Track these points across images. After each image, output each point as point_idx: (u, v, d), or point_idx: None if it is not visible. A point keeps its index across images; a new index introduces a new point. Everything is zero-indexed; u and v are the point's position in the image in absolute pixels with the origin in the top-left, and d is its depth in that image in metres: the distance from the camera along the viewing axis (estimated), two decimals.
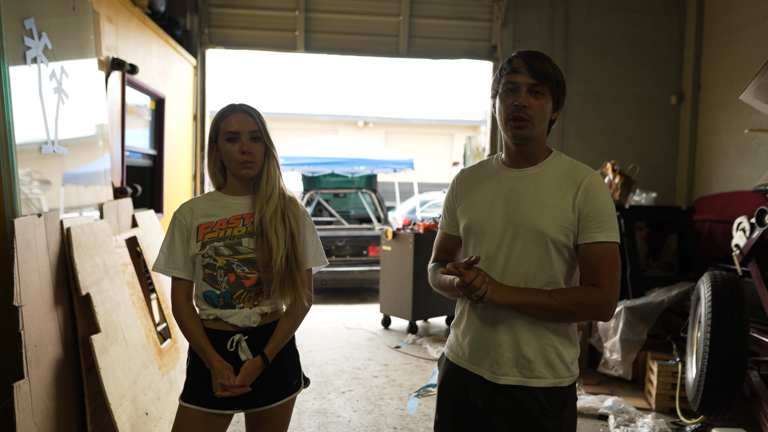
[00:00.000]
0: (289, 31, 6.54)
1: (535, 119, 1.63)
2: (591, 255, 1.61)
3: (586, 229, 1.62)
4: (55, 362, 2.56)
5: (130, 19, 4.20)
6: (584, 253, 1.63)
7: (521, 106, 1.62)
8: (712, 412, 3.13)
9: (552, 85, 1.64)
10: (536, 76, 1.62)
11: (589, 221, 1.62)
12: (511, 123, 1.64)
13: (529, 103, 1.62)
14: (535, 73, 1.62)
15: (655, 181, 6.80)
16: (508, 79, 1.65)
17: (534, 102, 1.62)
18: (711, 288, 3.20)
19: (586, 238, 1.62)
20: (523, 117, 1.62)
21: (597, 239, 1.61)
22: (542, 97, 1.63)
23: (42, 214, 2.59)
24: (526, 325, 1.65)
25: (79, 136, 3.24)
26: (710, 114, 6.48)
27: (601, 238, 1.61)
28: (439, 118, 19.83)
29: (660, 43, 6.88)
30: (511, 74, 1.64)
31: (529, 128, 1.64)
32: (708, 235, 5.12)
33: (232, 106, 1.93)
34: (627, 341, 4.35)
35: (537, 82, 1.62)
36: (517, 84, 1.63)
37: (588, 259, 1.62)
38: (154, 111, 5.00)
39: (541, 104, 1.64)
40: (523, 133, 1.64)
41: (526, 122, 1.63)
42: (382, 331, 5.98)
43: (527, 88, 1.62)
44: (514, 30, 6.65)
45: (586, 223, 1.62)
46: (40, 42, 2.74)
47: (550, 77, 1.63)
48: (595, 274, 1.60)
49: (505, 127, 1.67)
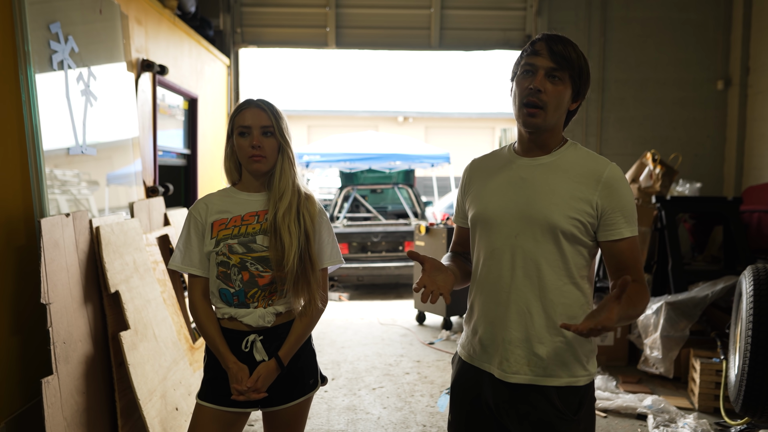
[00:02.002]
0: (320, 27, 6.55)
1: (549, 107, 1.54)
2: (624, 251, 1.55)
3: (612, 225, 1.55)
4: (85, 358, 2.62)
5: (160, 21, 4.27)
6: (615, 250, 1.56)
7: (536, 90, 1.52)
8: (755, 413, 2.98)
9: (573, 72, 1.54)
10: (556, 60, 1.53)
11: (615, 217, 1.54)
12: (523, 110, 1.55)
13: (545, 87, 1.52)
14: (556, 57, 1.52)
15: (701, 171, 6.52)
16: (527, 60, 1.56)
17: (551, 87, 1.53)
18: (753, 282, 3.04)
19: (614, 235, 1.55)
20: (536, 103, 1.53)
21: (625, 235, 1.55)
22: (560, 83, 1.54)
23: (70, 214, 2.66)
24: (538, 321, 1.57)
25: (108, 137, 3.32)
26: (760, 99, 6.16)
27: (628, 233, 1.55)
28: (480, 111, 19.58)
29: (705, 25, 6.58)
30: (531, 56, 1.56)
31: (541, 117, 1.54)
32: (757, 226, 4.87)
33: (248, 101, 1.91)
34: (668, 338, 4.18)
35: (556, 67, 1.53)
36: (535, 67, 1.54)
37: (620, 255, 1.56)
38: (187, 111, 5.09)
39: (559, 91, 1.54)
40: (534, 122, 1.56)
41: (539, 110, 1.54)
42: (416, 327, 5.94)
43: (545, 72, 1.53)
44: (549, 18, 6.48)
45: (612, 219, 1.54)
46: (67, 45, 2.80)
47: (572, 63, 1.53)
48: (631, 270, 1.55)
49: (518, 112, 1.58)
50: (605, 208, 1.54)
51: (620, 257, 1.56)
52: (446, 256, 1.83)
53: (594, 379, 1.64)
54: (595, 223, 1.56)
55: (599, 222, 1.55)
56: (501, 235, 1.61)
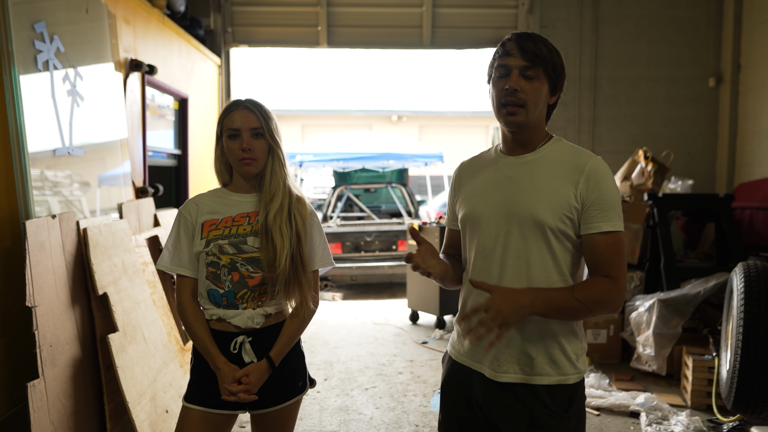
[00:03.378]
0: (312, 26, 6.52)
1: (528, 104, 1.54)
2: (599, 246, 1.52)
3: (590, 218, 1.53)
4: (72, 361, 2.60)
5: (148, 21, 4.24)
6: (591, 244, 1.54)
7: (512, 90, 1.53)
8: (746, 410, 2.97)
9: (546, 67, 1.55)
10: (528, 58, 1.53)
11: (594, 210, 1.52)
12: (503, 110, 1.56)
13: (520, 86, 1.53)
14: (527, 55, 1.53)
15: (693, 168, 6.53)
16: (500, 62, 1.57)
17: (526, 85, 1.54)
18: (744, 279, 3.03)
19: (591, 228, 1.53)
20: (515, 102, 1.54)
21: (603, 229, 1.52)
22: (535, 80, 1.55)
23: (56, 216, 2.63)
24: (528, 320, 1.54)
25: (96, 137, 3.29)
26: (752, 96, 6.17)
27: (607, 227, 1.52)
28: (473, 110, 19.58)
29: (696, 23, 6.58)
30: (503, 57, 1.57)
31: (522, 114, 1.55)
32: (749, 222, 4.87)
33: (236, 102, 1.89)
34: (661, 335, 4.18)
35: (529, 65, 1.53)
36: (508, 67, 1.55)
37: (596, 250, 1.53)
38: (178, 111, 5.05)
39: (535, 88, 1.55)
40: (515, 120, 1.56)
41: (519, 108, 1.54)
42: (409, 326, 5.93)
43: (519, 71, 1.54)
44: (541, 16, 6.47)
45: (591, 212, 1.53)
46: (52, 45, 2.77)
47: (544, 59, 1.54)
48: (605, 265, 1.52)
49: (498, 113, 1.59)
50: (585, 201, 1.53)
51: (596, 252, 1.53)
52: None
53: (584, 377, 1.63)
54: (579, 216, 1.55)
55: (581, 215, 1.55)
56: (490, 234, 1.60)
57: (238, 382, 1.82)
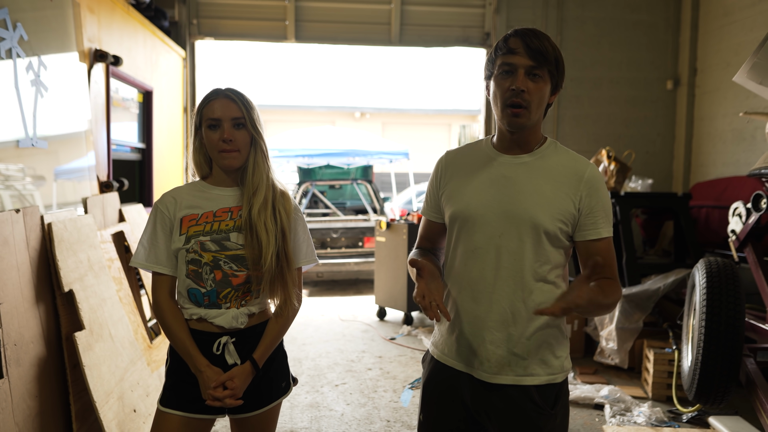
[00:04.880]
0: (279, 20, 6.45)
1: (532, 105, 1.53)
2: (600, 251, 1.57)
3: (590, 225, 1.56)
4: (38, 360, 2.51)
5: (113, 10, 4.12)
6: (592, 249, 1.57)
7: (519, 91, 1.50)
8: (708, 401, 3.09)
9: (551, 67, 1.53)
10: (535, 58, 1.50)
11: (593, 217, 1.56)
12: (508, 110, 1.53)
13: (527, 87, 1.51)
14: (534, 54, 1.50)
15: (651, 168, 6.73)
16: (504, 60, 1.53)
17: (532, 86, 1.51)
18: (706, 275, 3.15)
19: (591, 234, 1.56)
20: (520, 103, 1.52)
21: (603, 235, 1.57)
22: (541, 80, 1.52)
23: (20, 210, 2.53)
24: (520, 321, 1.56)
25: (60, 129, 3.18)
26: (707, 98, 6.40)
27: (605, 233, 1.57)
28: (436, 108, 19.72)
29: (656, 27, 6.78)
30: (508, 55, 1.52)
31: (526, 116, 1.54)
32: (705, 221, 5.06)
33: (216, 90, 1.81)
34: (623, 329, 4.31)
35: (536, 65, 1.51)
36: (514, 66, 1.52)
37: (596, 255, 1.56)
38: (142, 104, 4.93)
39: (540, 88, 1.53)
40: (519, 122, 1.55)
41: (524, 110, 1.52)
42: (377, 323, 5.94)
43: (525, 71, 1.51)
44: (508, 16, 6.56)
45: (590, 219, 1.56)
46: (15, 33, 2.67)
47: (549, 58, 1.52)
48: (607, 269, 1.57)
49: (501, 113, 1.56)
50: (585, 208, 1.56)
51: (599, 256, 1.54)
52: (416, 252, 1.76)
53: (568, 375, 1.66)
54: (574, 223, 1.57)
55: (578, 221, 1.57)
56: (484, 234, 1.58)
57: (223, 387, 1.74)
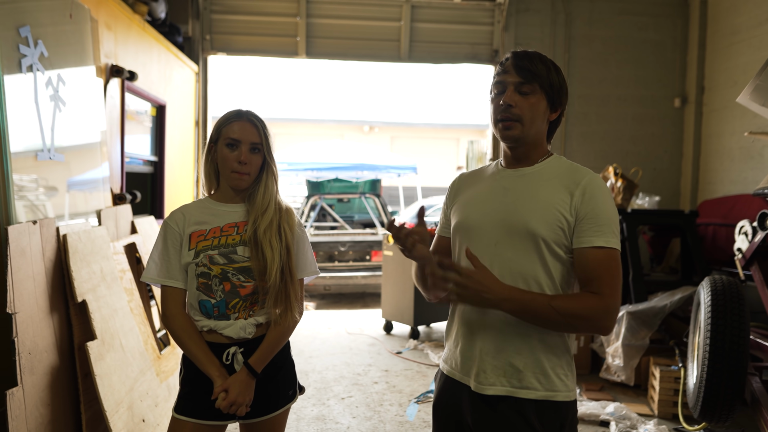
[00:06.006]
0: (291, 36, 6.55)
1: (524, 119, 1.57)
2: (589, 261, 1.50)
3: (582, 232, 1.52)
4: (51, 369, 2.56)
5: (129, 27, 4.22)
6: (581, 258, 1.52)
7: (507, 106, 1.57)
8: (712, 419, 3.09)
9: (542, 83, 1.57)
10: (522, 74, 1.57)
11: (586, 224, 1.51)
12: (499, 125, 1.60)
13: (514, 101, 1.56)
14: (522, 71, 1.57)
15: (659, 185, 6.75)
16: (497, 79, 1.62)
17: (521, 101, 1.57)
18: (711, 293, 3.17)
19: (583, 242, 1.51)
20: (509, 117, 1.57)
21: (595, 244, 1.50)
22: (531, 96, 1.57)
23: (37, 221, 2.60)
24: (516, 331, 1.55)
25: (76, 143, 3.26)
26: (715, 117, 6.43)
27: (599, 242, 1.50)
28: (445, 122, 19.81)
29: (663, 45, 6.84)
30: (501, 74, 1.61)
31: (517, 128, 1.57)
32: (712, 238, 5.07)
33: (239, 112, 1.89)
34: (629, 346, 4.31)
35: (523, 80, 1.57)
36: (504, 83, 1.59)
37: (586, 265, 1.51)
38: (155, 117, 5.02)
39: (531, 103, 1.57)
40: (511, 134, 1.58)
41: (515, 123, 1.57)
42: (383, 336, 5.96)
43: (513, 87, 1.58)
44: (516, 34, 6.64)
45: (583, 226, 1.52)
46: (36, 50, 2.75)
47: (539, 75, 1.57)
48: (595, 282, 1.49)
49: (495, 128, 1.63)
50: (579, 214, 1.53)
51: (586, 267, 1.51)
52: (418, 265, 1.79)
53: (576, 400, 1.60)
54: (572, 230, 1.54)
55: (573, 229, 1.54)
56: (481, 243, 1.60)
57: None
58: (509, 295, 1.47)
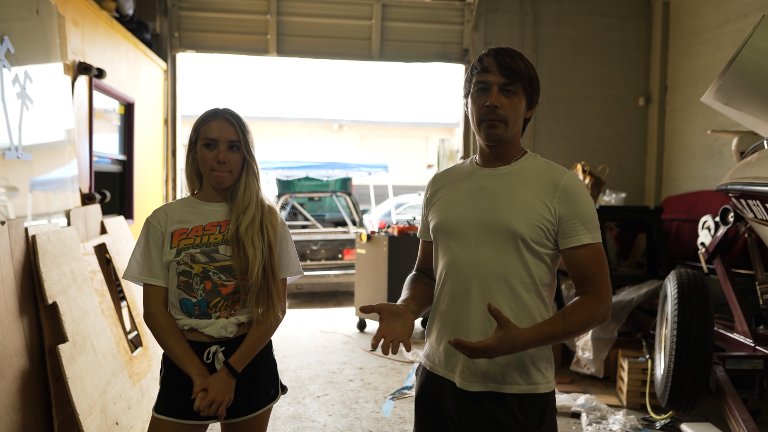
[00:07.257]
0: (261, 34, 6.51)
1: (508, 119, 1.58)
2: (582, 259, 1.55)
3: (570, 232, 1.55)
4: (21, 373, 2.51)
5: (97, 23, 4.14)
6: (574, 258, 1.56)
7: (493, 107, 1.56)
8: (680, 407, 3.20)
9: (524, 83, 1.58)
10: (507, 75, 1.56)
11: (573, 224, 1.55)
12: (483, 124, 1.59)
13: (501, 103, 1.56)
14: (506, 71, 1.56)
15: (624, 182, 6.92)
16: (479, 78, 1.59)
17: (506, 102, 1.57)
18: (677, 286, 3.27)
19: (572, 242, 1.55)
20: (495, 118, 1.57)
21: (584, 242, 1.54)
22: (515, 96, 1.57)
23: (5, 222, 2.54)
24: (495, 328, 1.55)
25: (44, 141, 3.19)
26: (677, 115, 6.62)
27: (588, 240, 1.55)
28: (414, 121, 19.88)
29: (628, 46, 7.01)
30: (482, 73, 1.59)
31: (502, 129, 1.58)
32: (676, 233, 5.22)
33: (215, 111, 1.88)
34: (598, 340, 4.42)
35: (508, 81, 1.56)
36: (488, 83, 1.58)
37: (579, 264, 1.56)
38: (124, 116, 4.93)
39: (514, 104, 1.58)
40: (496, 133, 1.59)
41: (499, 123, 1.58)
42: (357, 334, 5.98)
43: (498, 88, 1.56)
44: (485, 33, 6.72)
45: (570, 226, 1.55)
46: (2, 46, 2.68)
47: (522, 75, 1.57)
48: (590, 279, 1.55)
49: (478, 128, 1.62)
50: (563, 215, 1.56)
51: (579, 267, 1.56)
52: (409, 279, 1.82)
53: (554, 390, 1.65)
54: (554, 230, 1.57)
55: (558, 229, 1.57)
56: (461, 243, 1.61)
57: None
58: (531, 338, 1.48)
